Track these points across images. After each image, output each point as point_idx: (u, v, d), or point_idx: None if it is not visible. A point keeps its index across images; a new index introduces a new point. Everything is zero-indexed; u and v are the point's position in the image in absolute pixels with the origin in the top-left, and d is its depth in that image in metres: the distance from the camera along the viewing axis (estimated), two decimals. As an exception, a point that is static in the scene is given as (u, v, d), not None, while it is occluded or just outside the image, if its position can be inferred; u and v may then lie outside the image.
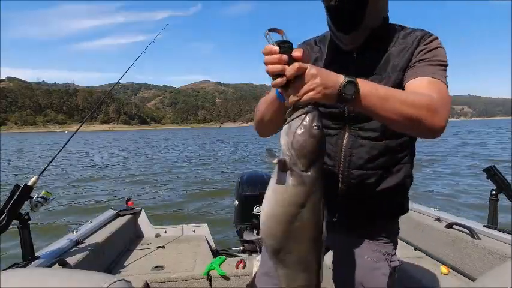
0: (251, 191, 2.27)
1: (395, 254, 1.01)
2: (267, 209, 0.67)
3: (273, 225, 0.67)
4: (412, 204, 2.64)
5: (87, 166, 13.78)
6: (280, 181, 0.65)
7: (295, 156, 0.63)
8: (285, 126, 0.67)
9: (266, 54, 0.67)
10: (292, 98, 0.66)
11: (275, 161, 0.64)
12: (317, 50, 1.04)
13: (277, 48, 0.65)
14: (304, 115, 0.64)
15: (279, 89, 0.71)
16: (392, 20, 0.98)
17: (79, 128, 2.29)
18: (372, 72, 0.91)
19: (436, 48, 0.87)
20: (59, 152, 1.95)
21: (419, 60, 0.86)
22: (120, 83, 2.64)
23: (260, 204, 1.10)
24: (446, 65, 0.86)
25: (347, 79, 0.67)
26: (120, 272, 2.07)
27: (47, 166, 1.84)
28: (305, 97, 0.64)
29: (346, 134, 0.94)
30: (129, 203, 2.81)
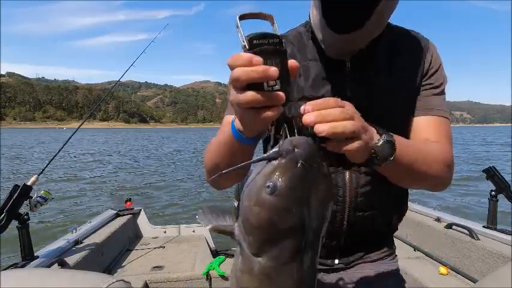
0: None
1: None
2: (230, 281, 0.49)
3: None
4: (412, 205, 2.65)
5: (86, 165, 13.77)
6: (234, 257, 0.46)
7: (243, 230, 0.41)
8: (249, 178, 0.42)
9: (234, 65, 0.39)
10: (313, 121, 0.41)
11: (209, 227, 0.46)
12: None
13: (257, 58, 0.37)
14: (266, 163, 0.39)
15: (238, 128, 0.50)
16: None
17: (79, 128, 2.29)
18: (374, 95, 0.69)
19: (440, 66, 0.73)
20: (59, 151, 1.95)
21: (427, 86, 0.72)
22: (120, 81, 2.64)
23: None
24: (445, 87, 0.74)
25: (385, 137, 0.49)
26: (119, 272, 2.07)
27: (47, 166, 1.84)
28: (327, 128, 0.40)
29: (347, 172, 0.73)
30: (128, 203, 2.81)
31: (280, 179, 0.37)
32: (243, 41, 0.38)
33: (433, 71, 0.72)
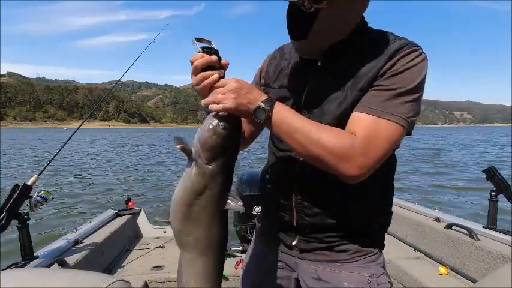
0: (251, 191, 2.26)
1: (383, 272, 0.85)
2: (175, 193, 0.74)
3: (176, 208, 0.73)
4: (411, 205, 2.65)
5: (85, 165, 13.77)
6: (188, 169, 0.72)
7: (200, 149, 0.69)
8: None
9: (194, 60, 0.69)
10: (205, 101, 0.70)
11: (178, 147, 0.70)
12: (287, 55, 0.92)
13: (206, 55, 0.69)
14: (215, 114, 0.70)
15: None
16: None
17: (79, 127, 2.29)
18: (333, 88, 0.78)
19: (406, 70, 0.70)
20: (59, 151, 1.96)
21: (377, 86, 0.72)
22: (120, 81, 2.64)
23: (260, 204, 1.10)
24: (412, 92, 0.70)
25: (260, 105, 0.69)
26: (119, 272, 2.07)
27: (47, 165, 1.84)
28: (215, 106, 0.68)
29: None
30: (131, 203, 2.81)
31: (226, 122, 0.69)
32: (198, 48, 0.70)
33: (392, 74, 0.70)
